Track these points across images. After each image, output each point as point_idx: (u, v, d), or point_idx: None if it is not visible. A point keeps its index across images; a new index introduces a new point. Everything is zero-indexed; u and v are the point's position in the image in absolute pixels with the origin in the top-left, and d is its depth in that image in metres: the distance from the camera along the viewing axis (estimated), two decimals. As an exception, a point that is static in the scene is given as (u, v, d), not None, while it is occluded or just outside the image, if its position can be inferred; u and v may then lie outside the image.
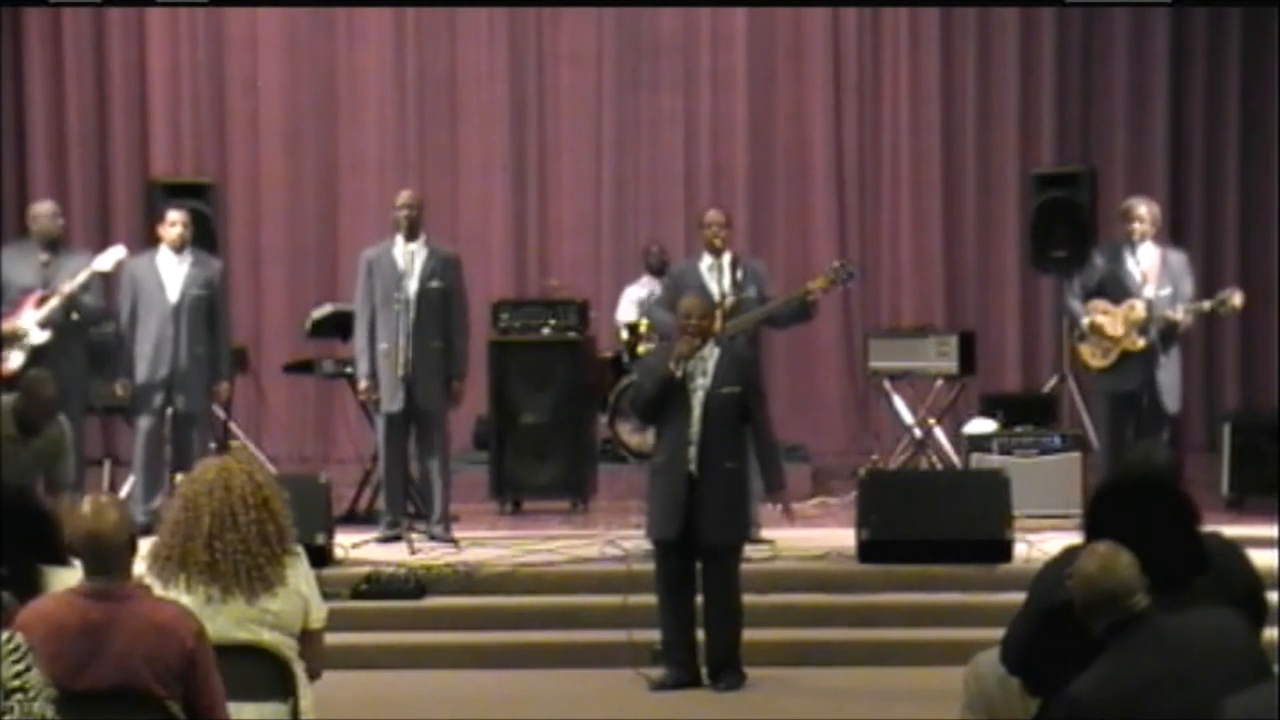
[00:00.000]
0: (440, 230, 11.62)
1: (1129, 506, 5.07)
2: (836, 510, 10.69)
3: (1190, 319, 9.96)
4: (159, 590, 4.97)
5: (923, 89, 13.95)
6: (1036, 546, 8.80)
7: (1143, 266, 9.86)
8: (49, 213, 10.17)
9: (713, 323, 8.34)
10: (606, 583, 8.84)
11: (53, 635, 4.53)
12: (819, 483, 11.68)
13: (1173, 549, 4.93)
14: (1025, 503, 9.49)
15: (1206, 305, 9.98)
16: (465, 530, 9.95)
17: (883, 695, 7.92)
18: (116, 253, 10.05)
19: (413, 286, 9.72)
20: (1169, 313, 9.80)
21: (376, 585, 8.90)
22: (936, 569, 8.97)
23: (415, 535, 9.68)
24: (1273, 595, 5.93)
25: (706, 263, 9.60)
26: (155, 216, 10.34)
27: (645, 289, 12.87)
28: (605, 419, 12.05)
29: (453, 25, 14.10)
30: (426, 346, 9.71)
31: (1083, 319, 9.93)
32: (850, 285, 10.78)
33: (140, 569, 4.96)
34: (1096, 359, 9.96)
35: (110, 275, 10.08)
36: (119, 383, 10.06)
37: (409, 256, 9.78)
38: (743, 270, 9.60)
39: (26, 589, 4.97)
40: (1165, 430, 9.81)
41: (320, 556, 8.55)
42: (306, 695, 5.17)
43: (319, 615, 5.26)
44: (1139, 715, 4.40)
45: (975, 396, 12.27)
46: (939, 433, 11.68)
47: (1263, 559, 6.50)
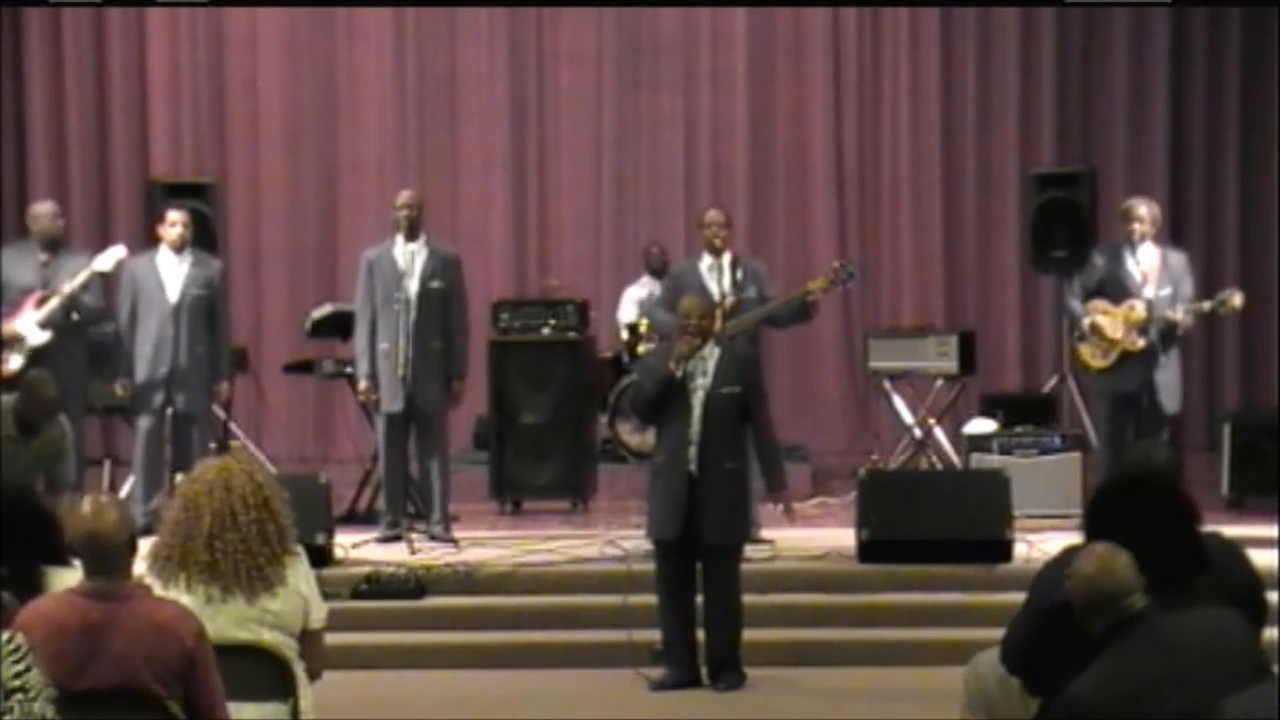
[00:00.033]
0: (440, 230, 11.61)
1: (1129, 506, 5.07)
2: (836, 510, 10.69)
3: (1190, 319, 9.95)
4: (159, 590, 4.97)
5: (923, 89, 13.95)
6: (1036, 546, 8.79)
7: (1143, 267, 9.86)
8: (49, 213, 10.16)
9: (713, 323, 8.33)
10: (606, 583, 8.83)
11: (53, 635, 4.53)
12: (819, 483, 11.68)
13: (1172, 549, 4.93)
14: (1025, 503, 9.49)
15: (1206, 305, 9.97)
16: (465, 530, 9.95)
17: (883, 695, 7.92)
18: (116, 253, 10.04)
19: (413, 286, 9.72)
20: (1169, 313, 9.79)
21: (376, 585, 8.90)
22: (936, 569, 8.96)
23: (415, 535, 9.68)
24: (1273, 595, 5.93)
25: (706, 263, 9.59)
26: (155, 216, 10.33)
27: (645, 289, 12.88)
28: (605, 419, 12.05)
29: (453, 25, 14.11)
30: (426, 346, 9.71)
31: (1083, 319, 9.92)
32: (850, 285, 10.77)
33: (140, 569, 4.96)
34: (1096, 359, 9.95)
35: (110, 275, 10.08)
36: (119, 383, 10.05)
37: (409, 256, 9.77)
38: (743, 270, 9.59)
39: (27, 589, 4.96)
40: (1165, 430, 9.80)
41: (320, 556, 8.55)
42: (306, 695, 5.17)
43: (319, 615, 5.27)
44: (1139, 715, 4.40)
45: (975, 396, 12.26)
46: (939, 433, 11.68)
47: (1263, 559, 6.50)
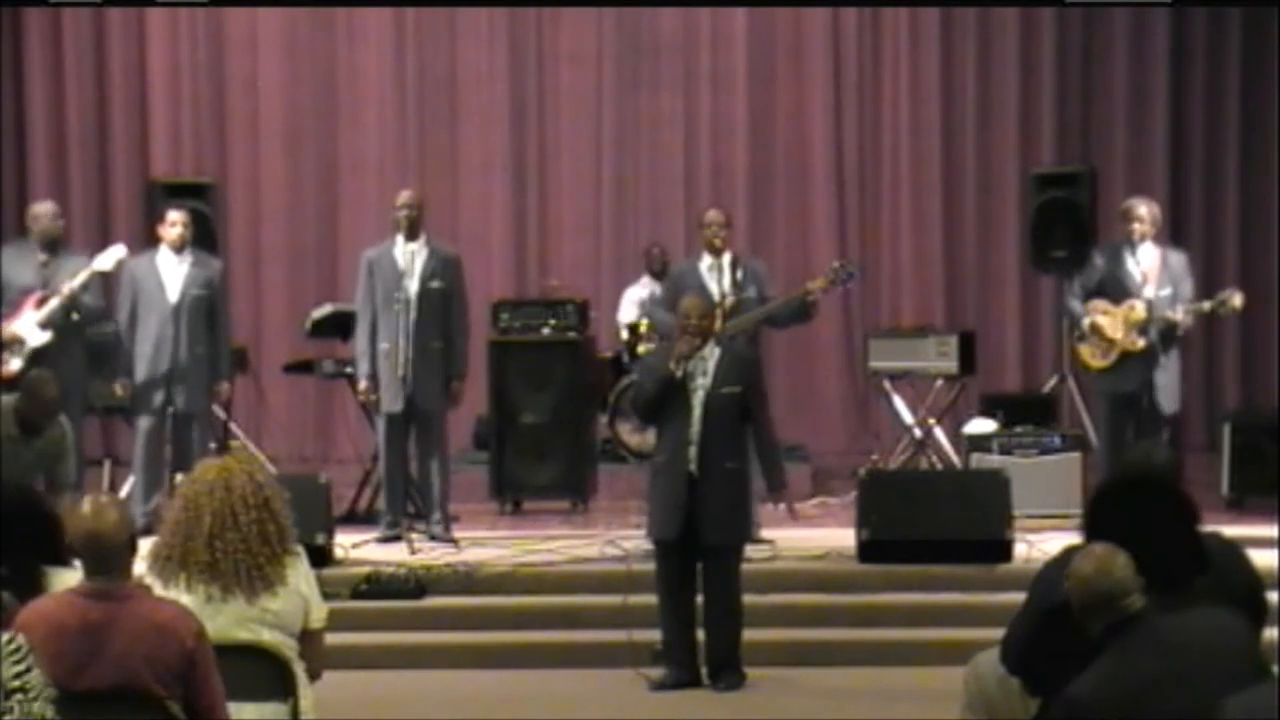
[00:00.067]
0: (440, 230, 11.61)
1: (1129, 506, 5.07)
2: (836, 510, 10.68)
3: (1190, 319, 9.95)
4: (159, 590, 4.97)
5: (923, 89, 13.95)
6: (1036, 546, 8.79)
7: (1143, 267, 9.86)
8: (49, 213, 10.15)
9: (713, 323, 8.32)
10: (606, 583, 8.83)
11: (53, 635, 4.53)
12: (819, 483, 11.68)
13: (1172, 549, 4.93)
14: (1025, 503, 9.49)
15: (1206, 306, 9.97)
16: (465, 530, 9.95)
17: (883, 695, 7.91)
18: (116, 252, 10.03)
19: (413, 286, 9.72)
20: (1169, 313, 9.79)
21: (376, 585, 8.90)
22: (936, 569, 8.96)
23: (415, 535, 9.68)
24: (1273, 595, 5.93)
25: (706, 263, 9.60)
26: (155, 216, 10.33)
27: (645, 289, 12.88)
28: (605, 419, 12.06)
29: (453, 25, 14.11)
30: (427, 346, 9.70)
31: (1083, 319, 9.92)
32: (850, 285, 10.76)
33: (140, 569, 4.96)
34: (1096, 359, 9.95)
35: (110, 275, 10.07)
36: (119, 382, 10.05)
37: (409, 256, 9.77)
38: (743, 270, 9.59)
39: (27, 589, 4.96)
40: (1165, 430, 9.80)
41: (320, 556, 8.55)
42: (306, 695, 5.17)
43: (319, 615, 5.26)
44: (1139, 715, 4.40)
45: (975, 396, 12.26)
46: (939, 433, 11.68)
47: (1263, 559, 6.50)
